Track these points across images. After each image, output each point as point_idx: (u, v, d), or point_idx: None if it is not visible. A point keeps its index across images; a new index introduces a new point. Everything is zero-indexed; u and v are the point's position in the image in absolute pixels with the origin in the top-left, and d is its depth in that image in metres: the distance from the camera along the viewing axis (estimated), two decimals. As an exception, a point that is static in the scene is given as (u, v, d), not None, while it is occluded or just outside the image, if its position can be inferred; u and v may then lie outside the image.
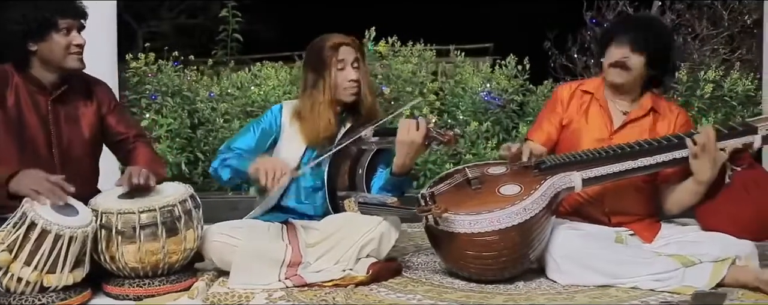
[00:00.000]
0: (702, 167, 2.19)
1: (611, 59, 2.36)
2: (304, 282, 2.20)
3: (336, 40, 2.42)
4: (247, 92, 4.09)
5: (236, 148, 2.47)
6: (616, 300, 2.03)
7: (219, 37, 5.72)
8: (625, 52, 2.33)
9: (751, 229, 2.25)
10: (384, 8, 7.90)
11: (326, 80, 2.41)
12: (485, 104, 4.22)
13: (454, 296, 2.10)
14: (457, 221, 2.14)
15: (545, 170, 2.26)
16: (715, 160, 2.19)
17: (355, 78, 2.41)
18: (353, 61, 2.43)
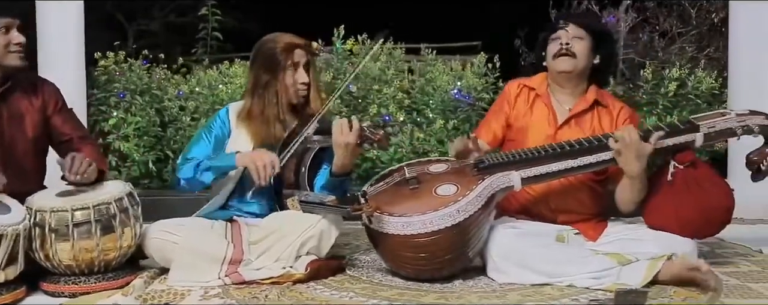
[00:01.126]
0: (627, 163, 2.19)
1: (554, 50, 2.38)
2: (243, 279, 2.21)
3: (290, 41, 2.42)
4: (215, 90, 4.10)
5: (193, 157, 2.45)
6: (548, 299, 2.03)
7: (198, 36, 5.72)
8: (567, 37, 2.36)
9: (693, 227, 2.25)
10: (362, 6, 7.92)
11: (279, 81, 2.42)
12: (455, 102, 4.23)
13: (387, 293, 2.11)
14: (390, 222, 2.14)
15: (484, 170, 2.26)
16: (638, 154, 2.17)
17: (306, 80, 2.42)
18: (306, 63, 2.44)
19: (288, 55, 2.40)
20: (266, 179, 2.26)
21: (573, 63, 2.38)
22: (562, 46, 2.36)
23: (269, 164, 2.25)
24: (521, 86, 2.54)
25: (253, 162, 2.26)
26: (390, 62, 4.33)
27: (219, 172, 2.39)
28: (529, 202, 2.45)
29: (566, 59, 2.37)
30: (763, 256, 2.63)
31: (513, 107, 2.51)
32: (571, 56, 2.37)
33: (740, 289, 2.12)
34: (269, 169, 2.25)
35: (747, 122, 2.26)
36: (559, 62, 2.38)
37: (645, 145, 2.18)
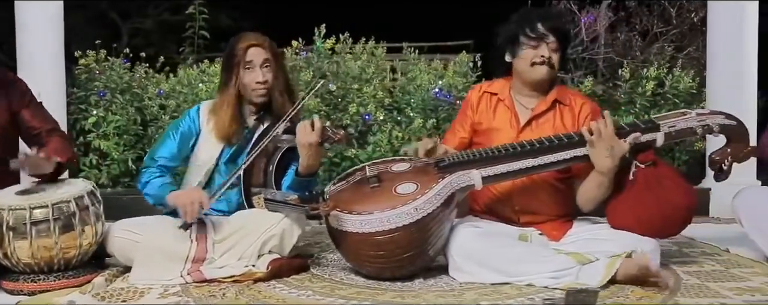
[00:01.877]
0: (599, 156, 2.18)
1: (535, 58, 2.34)
2: (204, 278, 2.23)
3: (246, 41, 2.44)
4: (194, 89, 4.11)
5: (160, 157, 2.47)
6: (505, 297, 2.04)
7: (186, 35, 5.72)
8: (548, 50, 2.33)
9: (654, 227, 2.25)
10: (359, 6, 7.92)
11: (234, 80, 2.44)
12: (436, 102, 4.23)
13: (345, 292, 2.12)
14: (349, 220, 2.15)
15: (444, 169, 2.26)
16: (612, 149, 2.17)
17: (262, 80, 2.43)
18: (263, 62, 2.44)
19: (243, 54, 2.42)
20: (192, 218, 2.24)
21: (551, 73, 2.38)
22: (544, 58, 2.33)
23: (197, 202, 2.24)
24: (483, 91, 2.53)
25: (182, 201, 2.26)
26: (371, 61, 4.32)
27: (156, 201, 2.42)
28: (493, 202, 2.46)
29: (545, 69, 2.35)
30: (729, 255, 2.63)
31: (476, 112, 2.50)
32: (550, 67, 2.36)
33: (698, 288, 2.13)
34: (196, 206, 2.24)
35: (707, 121, 2.27)
36: (538, 71, 2.35)
37: (620, 142, 2.18)
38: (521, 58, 2.37)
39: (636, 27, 4.37)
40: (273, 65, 2.47)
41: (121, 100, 4.05)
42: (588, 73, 4.22)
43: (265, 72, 2.44)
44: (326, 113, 4.08)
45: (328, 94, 4.14)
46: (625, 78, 3.91)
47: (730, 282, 2.21)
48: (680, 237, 3.06)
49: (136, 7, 11.30)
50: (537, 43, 2.33)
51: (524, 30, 2.34)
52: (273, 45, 2.52)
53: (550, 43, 2.33)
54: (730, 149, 2.31)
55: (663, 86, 3.93)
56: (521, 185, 2.40)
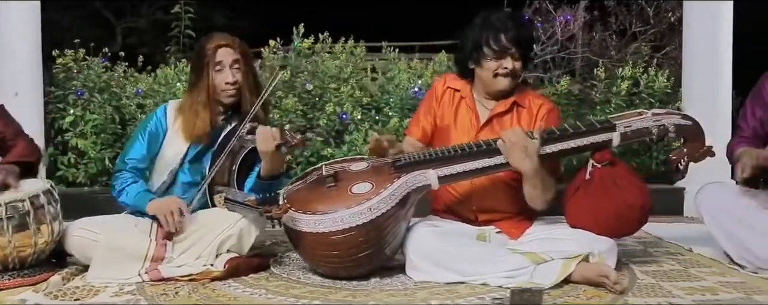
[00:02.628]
0: (517, 161, 2.18)
1: (499, 70, 2.35)
2: (161, 276, 2.24)
3: (216, 41, 2.44)
4: (172, 88, 4.12)
5: (130, 160, 2.48)
6: (456, 297, 2.04)
7: (171, 34, 5.73)
8: (512, 63, 2.35)
9: (610, 226, 2.25)
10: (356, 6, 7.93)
11: (203, 80, 2.44)
12: (414, 101, 4.23)
13: (298, 291, 2.12)
14: (303, 220, 2.16)
15: (400, 168, 2.27)
16: (526, 149, 2.16)
17: (231, 81, 2.44)
18: (232, 63, 2.44)
19: (212, 55, 2.42)
20: (174, 227, 2.29)
21: (513, 82, 2.39)
22: (507, 69, 2.35)
23: (176, 211, 2.28)
24: (447, 86, 2.53)
25: (161, 211, 2.29)
26: (349, 61, 4.33)
27: (133, 209, 2.45)
28: (452, 201, 2.47)
29: (507, 80, 2.37)
30: (692, 255, 2.64)
31: (439, 104, 2.51)
32: (513, 78, 2.38)
33: (651, 288, 2.13)
34: (177, 216, 2.28)
35: (663, 121, 2.27)
36: (501, 83, 2.37)
37: (532, 141, 2.17)
38: (484, 69, 2.38)
39: (613, 26, 4.37)
40: (242, 66, 2.47)
41: (99, 99, 4.06)
42: (565, 73, 4.22)
43: (234, 72, 2.45)
44: (303, 112, 4.10)
45: (305, 93, 4.15)
46: (601, 77, 3.92)
47: (685, 281, 2.22)
48: (648, 237, 3.09)
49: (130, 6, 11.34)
50: (500, 55, 2.33)
51: (488, 42, 2.34)
52: (243, 45, 2.52)
53: (513, 54, 2.34)
54: (687, 149, 2.31)
55: (638, 86, 3.92)
56: (480, 185, 2.41)
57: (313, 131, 3.82)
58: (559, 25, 4.09)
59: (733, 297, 2.00)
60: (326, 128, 4.01)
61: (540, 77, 4.25)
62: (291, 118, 4.02)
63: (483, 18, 2.41)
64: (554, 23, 4.14)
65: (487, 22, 2.37)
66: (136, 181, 2.45)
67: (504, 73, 2.35)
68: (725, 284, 2.17)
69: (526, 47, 2.40)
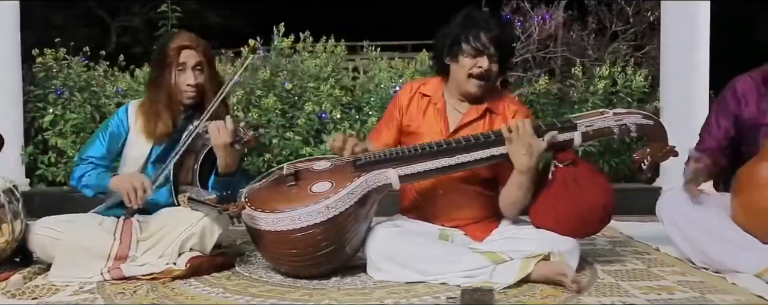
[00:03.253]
0: (517, 154, 2.19)
1: (473, 71, 2.32)
2: (123, 275, 2.24)
3: (179, 42, 2.44)
4: (151, 87, 4.13)
5: (88, 157, 2.49)
6: (412, 296, 2.04)
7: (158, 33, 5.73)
8: (488, 64, 2.32)
9: (571, 225, 2.25)
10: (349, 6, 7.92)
11: (166, 80, 2.44)
12: (395, 100, 4.23)
13: (256, 290, 2.13)
14: (262, 218, 2.17)
15: (360, 167, 2.27)
16: (530, 147, 2.17)
17: (193, 83, 2.44)
18: (195, 65, 2.45)
19: (176, 55, 2.42)
20: (136, 202, 2.30)
21: (485, 86, 2.37)
22: (482, 69, 2.32)
23: (139, 187, 2.29)
24: (415, 92, 2.52)
25: (125, 187, 2.31)
26: (329, 60, 4.34)
27: (96, 190, 2.46)
28: (418, 202, 2.47)
29: (479, 83, 2.34)
30: (657, 255, 2.64)
31: (404, 114, 2.50)
32: (486, 81, 2.35)
33: (609, 287, 2.13)
34: (140, 192, 2.29)
35: (624, 120, 2.27)
36: (472, 85, 2.35)
37: (538, 140, 2.18)
38: (460, 66, 2.35)
39: (592, 25, 4.37)
40: (206, 69, 2.48)
41: (79, 98, 4.08)
42: (545, 72, 4.22)
43: (196, 75, 2.45)
44: (283, 111, 4.10)
45: (284, 92, 4.16)
46: (579, 77, 3.92)
47: (645, 281, 2.22)
48: (619, 236, 3.10)
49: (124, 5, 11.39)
50: (477, 53, 2.31)
51: (467, 37, 2.31)
52: (207, 47, 2.52)
53: (490, 55, 2.31)
54: (650, 149, 2.31)
55: (615, 85, 3.93)
56: (444, 192, 2.41)
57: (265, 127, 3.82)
58: (536, 24, 4.10)
59: (687, 296, 2.00)
60: (305, 127, 4.03)
61: (520, 76, 4.25)
62: (270, 117, 4.04)
63: (466, 14, 2.38)
64: (532, 22, 4.14)
65: (470, 19, 2.35)
66: (95, 167, 2.47)
67: (478, 74, 2.32)
68: (683, 283, 2.17)
69: (505, 50, 2.37)
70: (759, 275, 2.09)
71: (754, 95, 2.40)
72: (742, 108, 2.42)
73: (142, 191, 2.29)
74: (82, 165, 2.49)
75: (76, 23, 10.78)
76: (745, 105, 2.42)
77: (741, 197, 2.24)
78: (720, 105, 2.50)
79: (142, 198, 2.30)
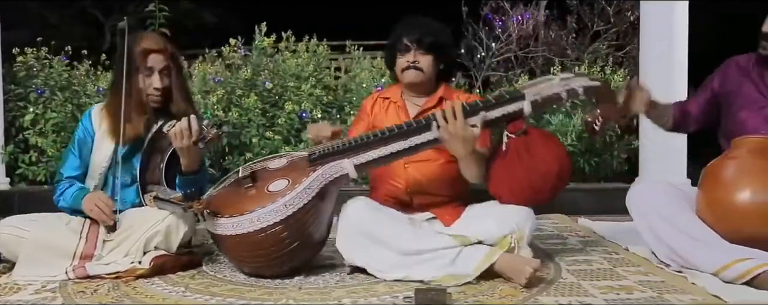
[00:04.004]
0: (452, 147, 2.22)
1: (403, 65, 2.50)
2: (87, 274, 2.25)
3: (147, 46, 2.44)
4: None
5: (68, 177, 2.52)
6: (371, 295, 2.04)
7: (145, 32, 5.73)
8: (413, 56, 2.47)
9: (524, 195, 2.27)
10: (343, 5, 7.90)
11: (132, 83, 2.44)
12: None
13: (218, 290, 2.14)
14: (221, 224, 2.17)
15: (315, 161, 2.27)
16: (462, 138, 2.18)
17: (159, 86, 2.45)
18: (162, 69, 2.45)
19: (143, 59, 2.42)
20: (110, 220, 2.34)
21: (420, 75, 2.49)
22: (409, 62, 2.48)
23: (104, 207, 2.33)
24: (376, 97, 2.65)
25: (91, 209, 2.35)
26: (311, 59, 4.34)
27: (72, 210, 2.47)
28: (388, 186, 2.51)
29: (413, 72, 2.49)
30: (625, 254, 2.64)
31: (371, 115, 2.62)
32: (418, 70, 2.48)
33: (569, 287, 2.14)
34: (107, 210, 2.33)
35: (571, 84, 2.25)
36: (407, 75, 2.50)
37: (470, 130, 2.18)
38: (397, 66, 2.54)
39: (573, 25, 4.37)
40: (173, 72, 2.49)
41: (60, 97, 4.08)
42: (525, 72, 4.22)
43: (163, 78, 2.45)
44: (264, 111, 4.11)
45: (265, 91, 4.17)
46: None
47: (606, 280, 2.22)
48: (591, 236, 3.10)
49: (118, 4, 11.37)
50: (405, 50, 2.49)
51: (395, 42, 2.52)
52: (173, 49, 2.53)
53: (416, 50, 2.47)
54: (600, 110, 2.35)
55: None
56: (414, 169, 2.45)
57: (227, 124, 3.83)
58: (515, 24, 4.09)
59: (644, 296, 2.01)
60: (286, 126, 4.03)
61: (501, 75, 4.25)
62: (251, 116, 4.04)
63: (399, 22, 2.58)
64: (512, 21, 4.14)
65: (400, 25, 2.56)
66: (71, 184, 2.48)
67: (407, 67, 2.48)
68: (644, 283, 2.17)
69: (433, 44, 2.48)
70: (716, 273, 2.09)
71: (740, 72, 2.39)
72: (723, 83, 2.42)
73: (107, 209, 2.33)
74: (62, 182, 2.51)
75: (72, 22, 10.78)
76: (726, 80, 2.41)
77: (706, 193, 2.25)
78: (711, 76, 2.51)
79: (111, 216, 2.34)
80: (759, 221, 2.09)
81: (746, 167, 2.15)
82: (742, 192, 2.11)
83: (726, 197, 2.15)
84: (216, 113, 3.95)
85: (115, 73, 2.53)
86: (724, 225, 2.16)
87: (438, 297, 1.83)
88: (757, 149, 2.15)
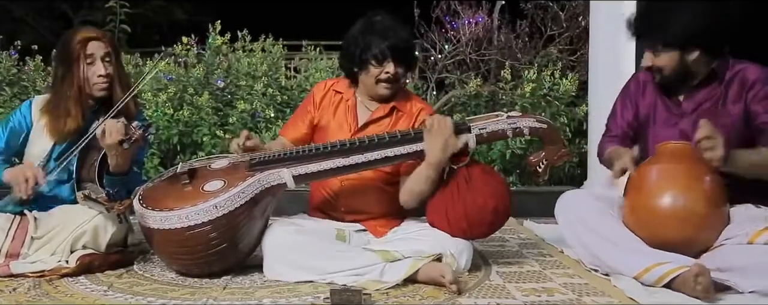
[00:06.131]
0: (432, 147, 2.21)
1: (381, 77, 2.37)
2: (9, 272, 2.23)
3: (84, 34, 2.43)
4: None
5: None
6: (294, 296, 2.04)
7: (106, 29, 5.69)
8: (390, 68, 2.36)
9: (461, 227, 2.27)
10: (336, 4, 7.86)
11: (74, 74, 2.42)
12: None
13: (141, 288, 2.12)
14: (150, 216, 2.16)
15: (255, 166, 2.27)
16: (446, 142, 2.20)
17: (104, 73, 2.43)
18: (104, 56, 2.44)
19: (83, 48, 2.41)
20: (26, 193, 2.26)
21: (394, 87, 2.42)
22: (390, 75, 2.37)
23: (31, 178, 2.26)
24: (328, 88, 2.56)
25: (16, 177, 2.28)
26: (264, 59, 4.33)
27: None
28: (322, 200, 2.49)
29: (388, 86, 2.40)
30: (559, 257, 2.66)
31: (317, 108, 2.53)
32: (395, 82, 2.41)
33: (494, 289, 2.15)
34: (31, 181, 2.26)
35: (518, 124, 2.30)
36: (382, 88, 2.40)
37: (455, 138, 2.21)
38: (368, 75, 2.39)
39: (526, 29, 4.41)
40: (113, 58, 2.47)
41: (8, 93, 4.03)
42: (478, 75, 4.25)
43: (106, 65, 2.44)
44: (216, 109, 4.09)
45: (218, 90, 4.15)
46: (507, 80, 3.95)
47: (532, 283, 2.24)
48: (532, 238, 3.12)
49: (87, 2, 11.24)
50: (381, 61, 2.35)
51: (370, 48, 2.34)
52: (112, 38, 2.53)
53: (394, 61, 2.36)
54: (545, 152, 2.35)
55: (542, 88, 3.96)
56: (349, 187, 2.43)
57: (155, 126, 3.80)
58: (466, 26, 4.12)
59: (564, 298, 2.03)
60: (238, 125, 4.01)
61: (455, 78, 4.27)
62: (202, 115, 4.02)
63: (365, 23, 2.42)
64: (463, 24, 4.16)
65: (369, 27, 2.39)
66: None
67: (385, 79, 2.38)
68: (568, 285, 2.19)
69: (406, 53, 2.41)
70: (637, 277, 2.11)
71: (651, 88, 2.43)
72: (641, 97, 2.45)
73: (33, 181, 2.26)
74: None
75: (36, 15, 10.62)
76: (643, 95, 2.44)
77: (629, 199, 2.28)
78: (624, 94, 2.53)
79: (32, 188, 2.27)
80: (679, 226, 2.12)
81: (667, 173, 2.18)
82: (662, 198, 2.13)
83: (647, 202, 2.17)
84: (167, 111, 3.91)
85: (57, 71, 2.51)
86: (646, 231, 2.18)
87: (353, 298, 1.83)
88: (676, 154, 2.18)
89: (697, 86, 2.30)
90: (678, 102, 2.34)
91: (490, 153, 3.85)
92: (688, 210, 2.10)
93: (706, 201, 2.12)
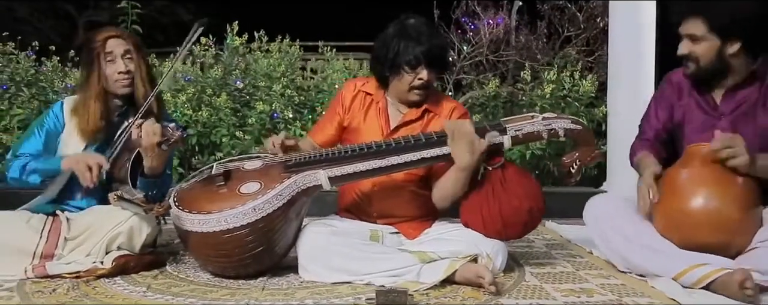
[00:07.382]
0: (459, 151, 2.20)
1: (415, 83, 2.34)
2: (46, 273, 2.22)
3: (105, 33, 2.46)
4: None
5: (23, 154, 2.45)
6: (335, 296, 2.04)
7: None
8: (425, 75, 2.33)
9: (495, 228, 2.27)
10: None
11: (95, 73, 2.43)
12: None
13: (179, 289, 2.12)
14: (188, 219, 2.15)
15: (291, 168, 2.27)
16: (472, 144, 2.19)
17: (123, 70, 2.43)
18: (124, 53, 2.44)
19: (102, 46, 2.42)
20: (92, 181, 2.26)
21: (427, 93, 2.41)
22: (423, 81, 2.34)
23: (95, 165, 2.26)
24: (358, 90, 2.53)
25: (78, 165, 2.27)
26: (282, 59, 4.33)
27: (45, 175, 2.39)
28: (354, 203, 2.48)
29: (421, 93, 2.39)
30: (589, 258, 2.67)
31: (347, 111, 2.51)
32: (428, 88, 2.40)
33: (532, 290, 2.15)
34: (95, 170, 2.25)
35: (553, 125, 2.29)
36: (414, 95, 2.39)
37: (480, 139, 2.20)
38: (401, 81, 2.36)
39: (544, 30, 4.41)
40: (135, 56, 2.47)
41: (26, 93, 4.02)
42: (496, 75, 4.25)
43: (126, 62, 2.44)
44: (234, 110, 4.09)
45: (236, 91, 4.15)
46: (527, 81, 3.95)
47: (569, 283, 2.24)
48: (558, 239, 3.13)
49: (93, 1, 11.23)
50: (416, 67, 2.32)
51: (404, 53, 2.30)
52: (132, 35, 2.53)
53: (428, 68, 2.33)
54: (578, 153, 2.35)
55: (562, 89, 3.96)
56: (380, 189, 2.42)
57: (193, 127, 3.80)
58: (485, 27, 4.12)
59: (604, 299, 2.03)
60: (257, 126, 4.01)
61: (473, 79, 4.27)
62: (221, 116, 4.02)
63: (399, 27, 2.36)
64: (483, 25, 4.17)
65: (403, 32, 2.33)
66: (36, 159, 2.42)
67: (419, 85, 2.35)
68: (605, 286, 2.20)
69: (440, 57, 2.38)
70: (675, 278, 2.12)
71: (687, 89, 2.42)
72: (677, 99, 2.43)
73: (97, 169, 2.26)
74: (19, 159, 2.45)
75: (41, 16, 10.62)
76: (678, 97, 2.44)
77: (660, 202, 2.27)
78: (658, 97, 2.51)
79: (97, 176, 2.26)
80: (713, 230, 2.11)
81: (698, 176, 2.18)
82: (694, 201, 2.13)
83: (679, 205, 2.16)
84: (185, 112, 3.91)
85: (82, 72, 2.51)
86: (678, 234, 2.18)
87: (399, 299, 1.83)
88: (708, 156, 2.17)
89: (736, 87, 2.30)
90: (715, 104, 2.34)
91: (509, 154, 3.86)
92: (721, 215, 2.10)
93: (739, 205, 2.12)
